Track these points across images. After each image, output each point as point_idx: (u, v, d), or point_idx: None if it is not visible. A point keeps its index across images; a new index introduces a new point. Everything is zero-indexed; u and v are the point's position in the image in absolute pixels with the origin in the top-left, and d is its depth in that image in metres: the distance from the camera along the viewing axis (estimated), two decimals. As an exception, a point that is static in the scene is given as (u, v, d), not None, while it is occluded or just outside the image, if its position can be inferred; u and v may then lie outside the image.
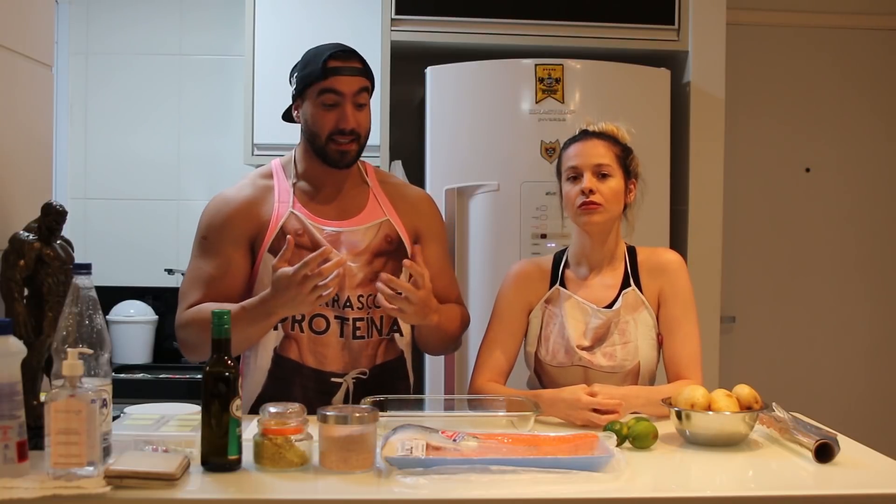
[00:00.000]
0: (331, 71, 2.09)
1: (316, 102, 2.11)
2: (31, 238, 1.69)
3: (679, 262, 2.20)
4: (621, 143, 2.17)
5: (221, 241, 2.13)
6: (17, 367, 1.49)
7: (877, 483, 1.61)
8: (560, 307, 2.17)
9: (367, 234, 2.15)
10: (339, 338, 2.12)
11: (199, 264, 2.15)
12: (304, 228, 2.12)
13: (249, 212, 2.14)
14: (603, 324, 2.13)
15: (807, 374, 3.84)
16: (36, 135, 2.23)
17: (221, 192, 2.22)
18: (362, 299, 2.13)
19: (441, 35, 3.30)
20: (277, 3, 3.35)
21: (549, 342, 2.15)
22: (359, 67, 2.12)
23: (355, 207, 2.19)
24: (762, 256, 3.84)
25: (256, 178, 2.22)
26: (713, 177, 3.35)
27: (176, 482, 1.46)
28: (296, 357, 2.11)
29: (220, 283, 2.11)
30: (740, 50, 3.67)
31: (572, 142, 2.18)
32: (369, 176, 2.25)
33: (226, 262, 2.12)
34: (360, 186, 2.23)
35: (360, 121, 2.12)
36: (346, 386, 2.11)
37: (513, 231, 3.08)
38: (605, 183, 2.11)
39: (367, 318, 2.14)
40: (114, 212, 3.72)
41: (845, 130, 3.86)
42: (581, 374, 2.12)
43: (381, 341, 2.16)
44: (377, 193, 2.22)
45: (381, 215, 2.19)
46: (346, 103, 2.09)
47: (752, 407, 1.81)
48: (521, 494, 1.48)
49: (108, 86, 3.72)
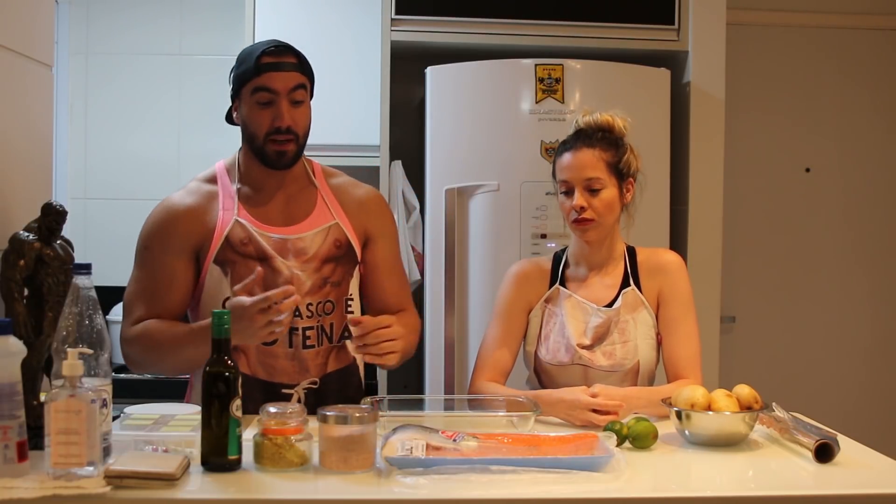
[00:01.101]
0: (264, 67, 2.02)
1: (251, 101, 2.04)
2: (31, 238, 1.69)
3: (678, 262, 2.20)
4: (614, 145, 2.15)
5: (164, 251, 2.06)
6: (17, 367, 1.49)
7: (877, 483, 1.61)
8: (560, 306, 2.17)
9: (316, 240, 2.09)
10: (288, 348, 2.06)
11: (141, 276, 2.08)
12: (249, 237, 2.05)
13: (193, 220, 2.07)
14: (603, 323, 2.13)
15: (807, 374, 3.84)
16: (36, 135, 2.23)
17: (166, 198, 2.14)
18: (311, 307, 2.07)
19: (441, 35, 3.30)
20: (277, 3, 3.35)
21: (549, 341, 2.16)
22: (293, 63, 2.05)
23: (302, 211, 2.12)
24: (762, 256, 3.84)
25: (200, 183, 2.15)
26: (713, 177, 3.35)
27: (176, 482, 1.46)
28: (245, 369, 2.02)
29: (165, 296, 2.05)
30: (740, 50, 3.67)
31: (565, 149, 2.16)
32: (317, 176, 2.18)
33: (169, 273, 2.05)
34: (307, 188, 2.16)
35: (297, 118, 2.05)
36: (296, 396, 2.03)
37: (513, 231, 3.08)
38: (597, 197, 2.10)
39: (317, 326, 2.08)
40: (114, 212, 3.72)
41: (845, 130, 3.86)
42: (581, 372, 2.12)
43: (331, 349, 2.11)
44: (325, 195, 2.16)
45: (329, 219, 2.12)
46: (280, 101, 2.02)
47: (752, 407, 1.81)
48: (521, 494, 1.48)
49: (108, 86, 3.72)
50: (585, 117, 2.18)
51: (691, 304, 2.17)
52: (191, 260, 2.07)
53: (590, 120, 2.17)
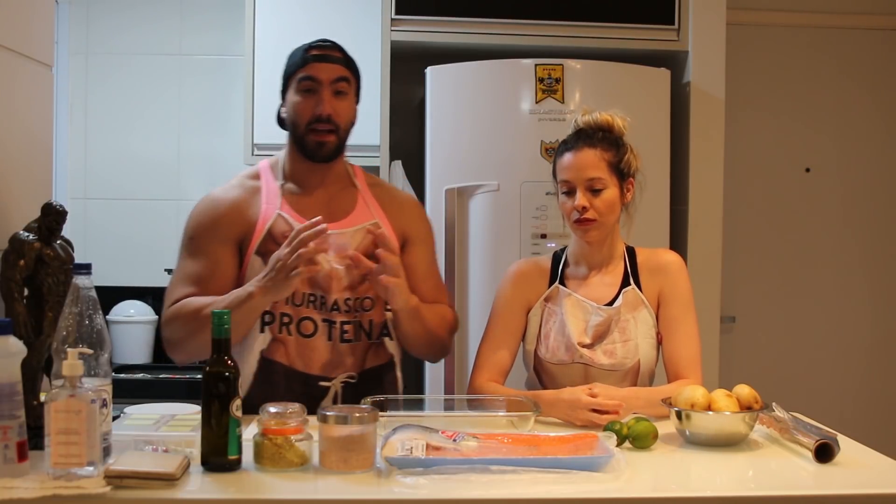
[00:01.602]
0: (310, 58, 2.12)
1: (296, 90, 2.13)
2: (31, 238, 1.69)
3: (679, 262, 2.20)
4: (615, 145, 2.15)
5: (209, 241, 2.10)
6: (17, 367, 1.49)
7: (877, 483, 1.61)
8: (560, 305, 2.17)
9: (356, 237, 2.13)
10: (326, 341, 2.10)
11: (185, 264, 2.12)
12: (290, 230, 2.07)
13: (238, 212, 2.12)
14: (603, 321, 2.13)
15: (807, 374, 3.84)
16: (36, 135, 2.23)
17: (209, 193, 2.20)
18: (349, 302, 2.11)
19: (441, 35, 3.30)
20: (277, 3, 3.36)
21: (550, 340, 2.15)
22: (339, 57, 2.14)
23: (343, 209, 2.17)
24: (762, 256, 3.84)
25: (244, 178, 2.21)
26: (713, 177, 3.35)
27: (176, 482, 1.46)
28: (283, 360, 2.09)
29: (208, 283, 2.08)
30: (740, 50, 3.67)
31: (566, 149, 2.16)
32: (358, 178, 2.24)
33: (214, 261, 2.09)
34: (348, 189, 2.22)
35: (339, 109, 2.12)
36: (334, 389, 2.09)
37: (513, 231, 3.08)
38: (599, 197, 2.10)
39: (355, 322, 2.12)
40: (114, 212, 3.72)
41: (845, 130, 3.86)
42: (581, 371, 2.12)
43: (369, 345, 2.15)
44: (365, 196, 2.21)
45: (369, 217, 2.17)
46: (323, 90, 2.10)
47: (752, 407, 1.81)
48: (521, 494, 1.48)
49: (108, 86, 3.72)
50: (585, 117, 2.18)
51: (691, 304, 2.16)
52: (234, 250, 2.11)
53: (589, 119, 2.17)
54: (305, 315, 2.09)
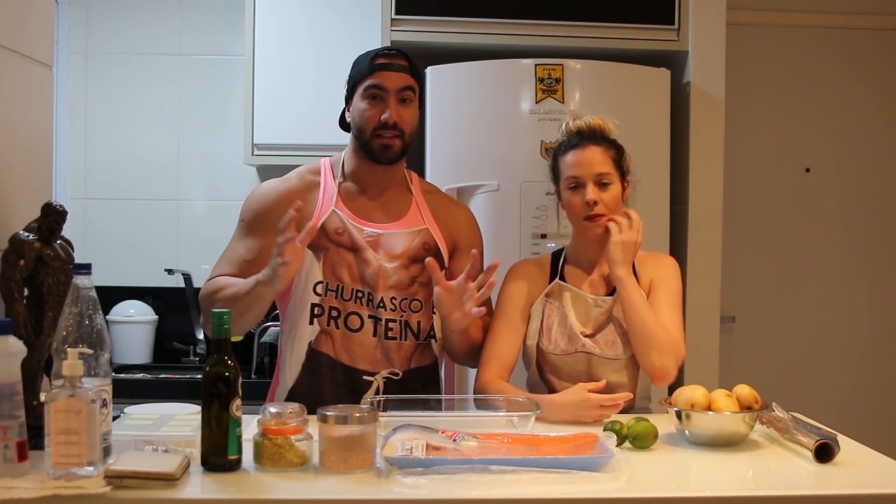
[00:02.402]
0: (377, 67, 2.17)
1: (362, 97, 2.18)
2: (31, 238, 1.69)
3: (674, 262, 2.25)
4: (614, 144, 2.20)
5: (259, 226, 2.18)
6: (17, 367, 1.49)
7: (877, 483, 1.61)
8: (560, 299, 2.20)
9: (406, 239, 2.19)
10: (372, 337, 2.16)
11: (234, 245, 2.21)
12: (343, 227, 2.16)
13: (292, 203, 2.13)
14: (603, 312, 2.17)
15: (807, 374, 3.84)
16: (36, 135, 2.23)
17: (266, 182, 2.28)
18: (395, 301, 2.16)
19: (441, 35, 3.30)
20: (277, 3, 3.35)
21: (552, 333, 2.18)
22: (405, 65, 2.19)
23: (397, 212, 2.24)
24: (762, 256, 3.84)
25: (305, 172, 2.26)
26: (713, 177, 3.35)
27: (176, 482, 1.46)
28: (329, 352, 2.15)
29: (251, 267, 2.13)
30: (740, 50, 3.67)
31: (569, 147, 2.18)
32: (414, 185, 2.31)
33: (260, 248, 2.16)
34: (404, 193, 2.28)
35: (404, 116, 2.17)
36: (376, 384, 2.15)
37: (513, 231, 3.08)
38: (607, 191, 2.15)
39: (401, 321, 2.17)
40: (114, 212, 3.72)
41: (845, 130, 3.86)
42: (584, 360, 2.15)
43: (416, 346, 2.20)
44: (419, 202, 2.28)
45: (421, 223, 2.24)
46: (389, 97, 2.16)
47: (752, 407, 1.82)
48: (521, 494, 1.48)
49: (108, 86, 3.72)
50: (577, 121, 2.22)
51: (677, 299, 2.19)
52: None
53: (581, 124, 2.21)
54: (353, 310, 2.15)
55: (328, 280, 2.14)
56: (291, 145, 3.30)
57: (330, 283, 2.15)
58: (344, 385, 2.14)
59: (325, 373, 2.14)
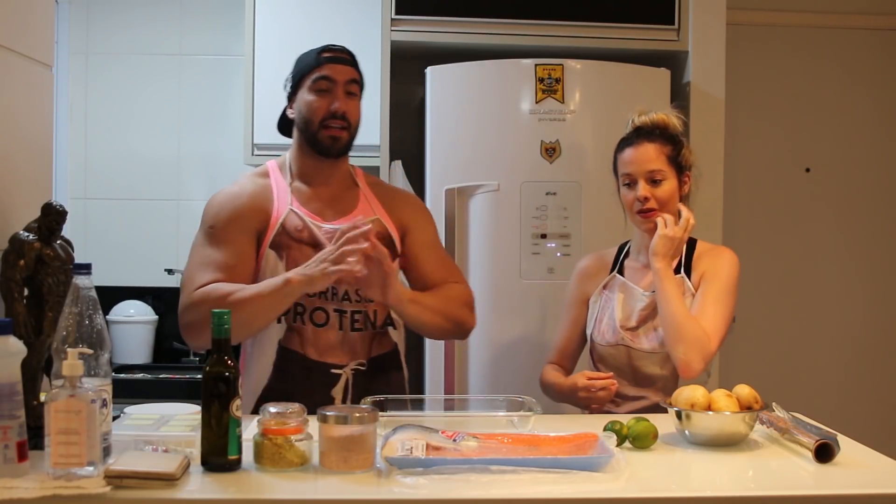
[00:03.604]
0: (324, 59, 2.22)
1: (310, 90, 2.22)
2: (31, 238, 1.69)
3: (730, 254, 2.29)
4: (672, 140, 2.26)
5: (232, 230, 2.17)
6: (17, 367, 1.49)
7: (877, 483, 1.61)
8: (614, 291, 2.29)
9: None
10: (338, 330, 2.18)
11: (208, 252, 2.15)
12: (304, 225, 2.19)
13: (257, 205, 2.20)
14: (647, 305, 2.23)
15: (807, 374, 3.84)
16: (36, 135, 2.22)
17: (222, 190, 2.26)
18: (359, 292, 2.19)
19: (441, 35, 3.30)
20: (277, 3, 3.36)
21: (602, 324, 2.28)
22: (350, 59, 2.26)
23: (348, 207, 2.27)
24: (762, 257, 3.84)
25: (254, 177, 2.29)
26: (713, 177, 3.35)
27: (176, 482, 1.46)
28: (298, 349, 2.17)
29: (234, 271, 2.13)
30: (740, 50, 3.67)
31: (626, 145, 2.27)
32: (359, 178, 2.35)
33: (238, 251, 2.16)
34: (351, 189, 2.32)
35: (350, 108, 2.23)
36: (345, 377, 2.17)
37: (513, 231, 3.08)
38: (660, 188, 2.22)
39: (363, 311, 2.20)
40: (114, 212, 3.72)
41: (845, 130, 3.86)
42: (625, 353, 2.23)
43: (374, 334, 2.23)
44: (367, 194, 2.32)
45: (371, 214, 2.26)
46: (337, 89, 2.21)
47: (752, 407, 1.81)
48: (521, 494, 1.48)
49: (108, 86, 3.72)
50: (641, 117, 2.30)
51: (725, 295, 2.21)
52: (254, 242, 2.18)
53: (646, 119, 2.29)
54: (318, 305, 2.17)
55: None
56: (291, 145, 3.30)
57: None
58: (314, 380, 2.15)
59: (297, 369, 2.16)
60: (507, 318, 3.01)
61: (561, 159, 3.07)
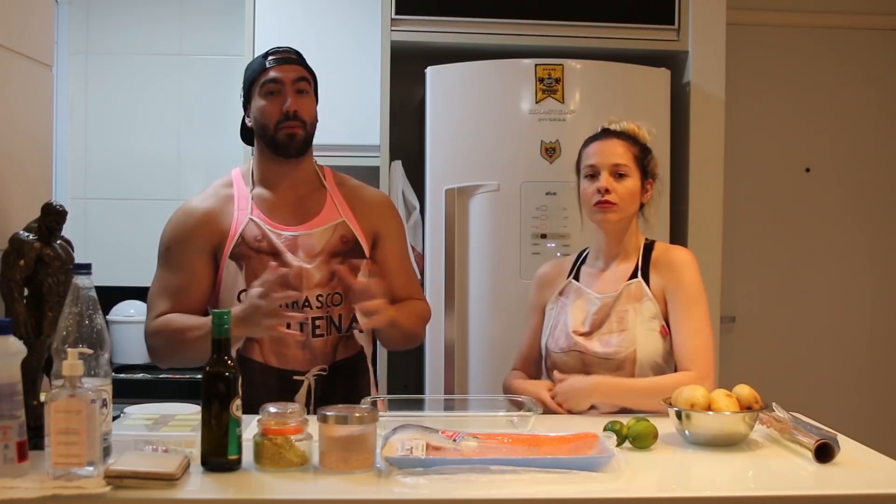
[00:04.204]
0: (270, 63, 2.23)
1: (260, 95, 2.22)
2: (31, 238, 1.69)
3: (686, 259, 2.21)
4: (641, 143, 2.23)
5: (185, 252, 2.20)
6: (17, 367, 1.49)
7: (877, 483, 1.61)
8: (569, 297, 2.24)
9: (323, 236, 2.21)
10: (299, 338, 2.15)
11: (164, 275, 2.23)
12: (262, 234, 2.19)
13: (211, 222, 2.21)
14: (599, 310, 2.17)
15: (807, 374, 3.84)
16: (36, 135, 2.23)
17: (186, 202, 2.30)
18: (321, 298, 2.18)
19: (441, 35, 3.30)
20: (277, 3, 3.35)
21: (556, 330, 2.22)
22: (295, 58, 2.25)
23: (312, 211, 2.25)
24: (762, 256, 3.84)
25: (219, 187, 2.30)
26: (713, 177, 3.35)
27: (176, 482, 1.46)
28: (258, 357, 2.17)
29: (186, 293, 2.19)
30: (740, 50, 3.67)
31: (592, 140, 2.24)
32: (327, 179, 2.32)
33: (190, 273, 2.20)
34: (318, 190, 2.29)
35: (302, 106, 2.21)
36: (307, 383, 2.17)
37: (513, 231, 3.08)
38: (622, 183, 2.18)
39: (326, 317, 2.20)
40: (114, 212, 3.72)
41: (845, 130, 3.86)
42: (578, 359, 2.16)
43: (339, 339, 2.22)
44: (334, 196, 2.29)
45: (337, 217, 2.25)
46: (286, 90, 2.20)
47: (752, 407, 1.81)
48: (521, 494, 1.48)
49: (108, 86, 3.72)
50: (613, 125, 2.26)
51: (698, 300, 2.16)
52: (210, 259, 2.20)
53: (616, 127, 2.26)
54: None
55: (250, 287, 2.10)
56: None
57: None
58: (274, 388, 2.13)
59: (257, 378, 2.14)
60: (507, 318, 3.00)
61: (561, 159, 3.07)
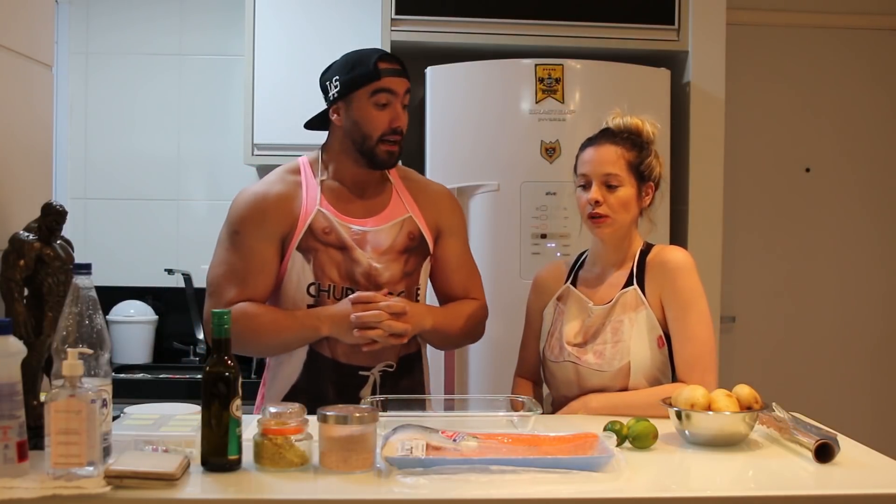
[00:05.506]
0: (384, 72, 2.15)
1: (369, 103, 2.15)
2: (31, 238, 1.69)
3: (679, 261, 2.13)
4: (638, 146, 2.14)
5: (255, 236, 2.15)
6: (17, 367, 1.49)
7: (877, 483, 1.61)
8: (567, 304, 2.20)
9: (391, 233, 2.20)
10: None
11: (231, 258, 2.17)
12: (331, 226, 2.16)
13: (282, 207, 2.17)
14: (594, 321, 2.13)
15: (807, 374, 3.84)
16: (36, 135, 2.22)
17: (250, 187, 2.24)
18: (389, 296, 2.16)
19: (441, 35, 3.30)
20: (277, 3, 3.35)
21: (553, 338, 2.18)
22: (405, 70, 2.21)
23: (379, 205, 2.24)
24: (762, 256, 3.84)
25: (285, 173, 2.24)
26: (713, 177, 3.35)
27: (176, 482, 1.46)
28: (327, 353, 2.17)
29: (255, 280, 2.15)
30: (740, 50, 3.67)
31: (588, 144, 2.17)
32: (391, 172, 2.30)
33: (260, 260, 2.16)
34: (383, 184, 2.28)
35: (406, 121, 2.20)
36: (372, 378, 2.18)
37: (513, 231, 3.08)
38: (614, 193, 2.10)
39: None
40: (114, 212, 3.72)
41: (845, 130, 3.86)
42: (572, 370, 2.12)
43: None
44: (399, 190, 2.29)
45: (403, 212, 2.25)
46: (396, 102, 2.17)
47: (752, 407, 1.81)
48: (521, 494, 1.48)
49: (108, 86, 3.72)
50: (616, 119, 2.19)
51: (694, 304, 2.09)
52: (278, 246, 2.17)
53: (619, 122, 2.18)
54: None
55: (319, 281, 2.15)
56: (291, 145, 3.30)
57: (321, 284, 2.16)
58: (342, 382, 2.16)
59: (326, 372, 2.16)
60: (507, 318, 2.99)
61: (561, 159, 3.07)
